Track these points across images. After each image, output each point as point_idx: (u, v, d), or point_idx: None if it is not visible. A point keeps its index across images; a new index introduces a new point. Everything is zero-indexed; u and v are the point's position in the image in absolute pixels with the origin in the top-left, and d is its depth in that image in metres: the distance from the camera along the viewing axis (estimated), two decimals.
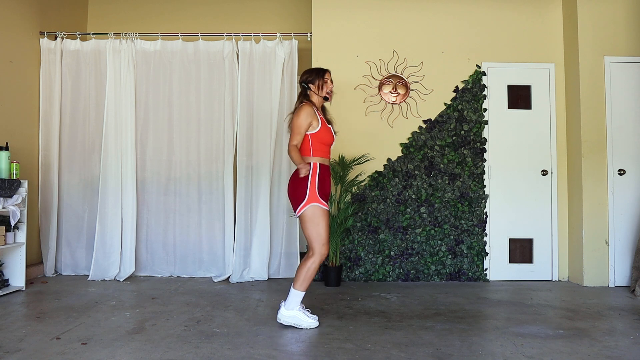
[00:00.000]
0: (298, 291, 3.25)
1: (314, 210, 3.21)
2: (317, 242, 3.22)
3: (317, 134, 3.28)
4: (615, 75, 4.91)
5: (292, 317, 3.26)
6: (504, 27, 5.17)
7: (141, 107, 5.12)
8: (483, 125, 5.08)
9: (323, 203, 3.24)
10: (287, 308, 3.27)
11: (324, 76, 3.41)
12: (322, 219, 3.23)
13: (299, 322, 3.25)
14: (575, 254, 4.93)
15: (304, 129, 3.25)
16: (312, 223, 3.22)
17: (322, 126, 3.30)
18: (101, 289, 4.43)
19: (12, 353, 2.72)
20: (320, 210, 3.22)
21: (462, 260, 4.98)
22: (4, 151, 4.24)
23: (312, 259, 3.23)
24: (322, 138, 3.31)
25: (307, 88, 3.40)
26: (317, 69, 3.45)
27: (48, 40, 5.14)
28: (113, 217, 4.96)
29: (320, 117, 3.33)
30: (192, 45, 5.13)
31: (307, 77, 3.41)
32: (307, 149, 3.29)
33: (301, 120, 3.24)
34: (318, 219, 3.22)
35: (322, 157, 3.32)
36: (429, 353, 2.81)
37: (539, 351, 2.86)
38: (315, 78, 3.39)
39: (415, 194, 5.01)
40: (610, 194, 4.83)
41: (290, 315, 3.26)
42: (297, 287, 3.24)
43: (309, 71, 3.46)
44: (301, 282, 3.23)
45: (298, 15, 5.90)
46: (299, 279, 3.24)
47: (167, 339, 3.00)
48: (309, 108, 3.28)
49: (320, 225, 3.22)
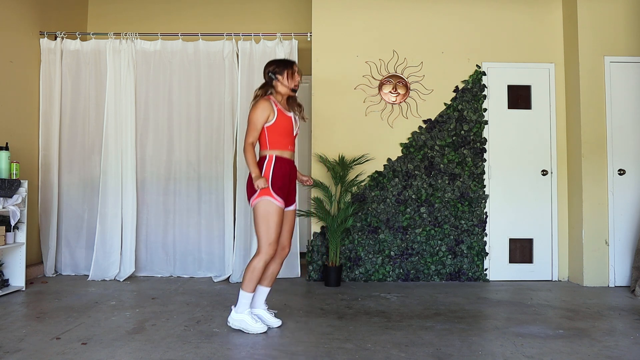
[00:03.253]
0: (245, 292, 3.13)
1: (265, 204, 3.08)
2: (264, 240, 3.10)
3: (273, 126, 3.16)
4: (615, 75, 4.90)
5: (240, 321, 3.15)
6: (504, 27, 5.17)
7: (141, 107, 5.12)
8: (483, 125, 5.08)
9: (276, 198, 3.10)
10: (236, 311, 3.17)
11: (292, 67, 3.28)
12: (273, 216, 3.08)
13: (246, 326, 3.13)
14: (575, 254, 4.93)
15: (260, 124, 3.15)
16: (263, 218, 3.09)
17: (278, 117, 3.17)
18: (101, 289, 4.43)
19: (12, 353, 2.72)
20: (272, 206, 3.09)
21: (462, 260, 4.98)
22: (4, 151, 4.24)
23: (258, 258, 3.10)
24: (280, 129, 3.18)
25: (274, 79, 3.27)
26: (285, 60, 3.35)
27: (48, 40, 5.14)
28: (113, 217, 4.96)
29: (278, 109, 3.19)
30: (192, 45, 5.13)
31: (275, 67, 3.27)
32: (264, 141, 3.19)
33: (257, 115, 3.13)
34: (269, 215, 3.08)
35: (280, 150, 3.19)
36: (429, 353, 2.81)
37: (539, 351, 2.86)
38: (283, 69, 3.26)
39: (415, 194, 5.02)
40: (610, 194, 4.83)
41: (239, 319, 3.15)
42: (243, 288, 3.13)
43: (276, 62, 3.33)
44: (247, 283, 3.11)
45: (298, 15, 5.90)
46: (244, 279, 3.13)
47: (167, 339, 3.00)
48: (265, 102, 3.17)
49: (270, 223, 3.08)
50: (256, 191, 3.10)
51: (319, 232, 5.00)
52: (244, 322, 3.14)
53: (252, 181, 3.14)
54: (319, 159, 4.98)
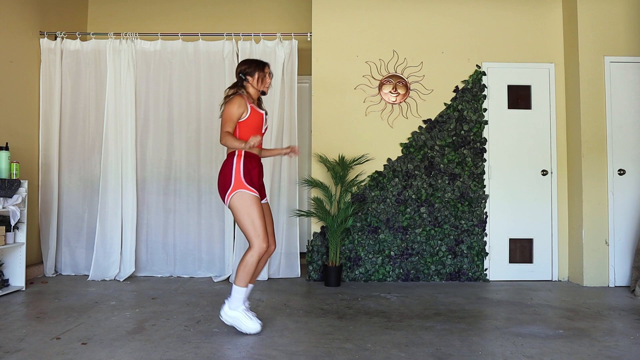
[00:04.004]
0: (239, 287, 3.09)
1: (241, 196, 3.06)
2: (253, 235, 3.06)
3: (246, 122, 3.18)
4: (615, 75, 4.90)
5: (234, 318, 3.12)
6: (504, 27, 5.17)
7: (141, 107, 5.12)
8: (483, 125, 5.08)
9: (250, 189, 3.08)
10: (230, 307, 3.13)
11: (264, 69, 3.29)
12: (253, 206, 3.06)
13: (240, 324, 3.10)
14: (575, 254, 4.93)
15: (236, 118, 3.16)
16: (243, 212, 3.06)
17: (251, 114, 3.19)
18: (101, 289, 4.43)
19: (12, 353, 2.72)
20: (248, 196, 3.06)
21: (462, 260, 4.98)
22: (4, 151, 4.24)
23: (250, 252, 3.07)
24: (252, 125, 3.20)
25: (244, 79, 3.28)
26: (257, 61, 3.33)
27: (48, 40, 5.14)
28: (113, 217, 4.96)
29: (251, 106, 3.21)
30: (192, 45, 5.13)
31: (246, 68, 3.28)
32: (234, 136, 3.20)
33: (233, 109, 3.15)
34: (248, 207, 3.05)
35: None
36: (429, 353, 2.81)
37: (539, 351, 2.86)
38: (255, 70, 3.27)
39: (415, 194, 5.02)
40: (610, 194, 4.83)
41: (233, 316, 3.12)
42: (237, 283, 3.09)
43: (248, 62, 3.33)
44: (240, 278, 3.08)
45: (298, 15, 5.90)
46: (237, 274, 3.09)
47: (167, 339, 3.00)
48: (239, 98, 3.19)
49: (252, 214, 3.05)
50: (229, 185, 3.08)
51: (319, 232, 5.00)
52: (238, 320, 3.11)
53: (223, 177, 3.13)
54: (319, 159, 4.98)
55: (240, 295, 3.12)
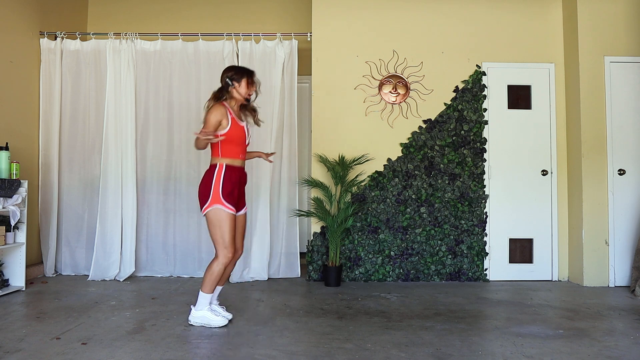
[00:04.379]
0: (204, 293, 3.26)
1: (216, 212, 3.18)
2: (220, 245, 3.21)
3: (226, 134, 3.20)
4: (615, 75, 4.90)
5: (202, 318, 3.26)
6: (504, 27, 5.17)
7: (141, 107, 5.12)
8: (483, 125, 5.08)
9: (227, 206, 3.18)
10: (196, 309, 3.28)
11: (251, 77, 3.34)
12: (226, 222, 3.18)
13: (208, 321, 3.25)
14: (575, 254, 4.93)
15: (214, 128, 3.18)
16: (215, 226, 3.20)
17: (231, 127, 3.22)
18: (101, 289, 4.43)
19: (12, 353, 2.72)
20: (223, 213, 3.18)
21: (462, 260, 4.98)
22: (4, 151, 4.24)
23: (216, 262, 3.22)
24: (232, 139, 3.23)
25: (230, 85, 3.30)
26: (244, 68, 3.37)
27: (48, 40, 5.14)
28: (113, 217, 4.96)
29: (232, 117, 3.23)
30: (192, 45, 5.12)
31: (233, 74, 3.31)
32: (216, 149, 3.25)
33: (210, 118, 3.18)
34: (221, 222, 3.18)
35: (231, 158, 3.25)
36: (429, 353, 2.81)
37: (539, 351, 2.86)
38: (241, 78, 3.31)
39: (415, 194, 5.02)
40: (610, 194, 4.83)
41: (200, 316, 3.26)
42: (203, 290, 3.26)
43: (235, 68, 3.37)
44: (206, 285, 3.24)
45: (298, 15, 5.90)
46: (204, 281, 3.25)
47: (167, 339, 3.00)
48: (221, 108, 3.22)
49: (224, 228, 3.19)
50: (207, 199, 3.20)
51: (319, 232, 5.00)
52: (205, 318, 3.26)
53: (204, 188, 3.23)
54: (319, 159, 4.98)
55: (206, 300, 3.28)
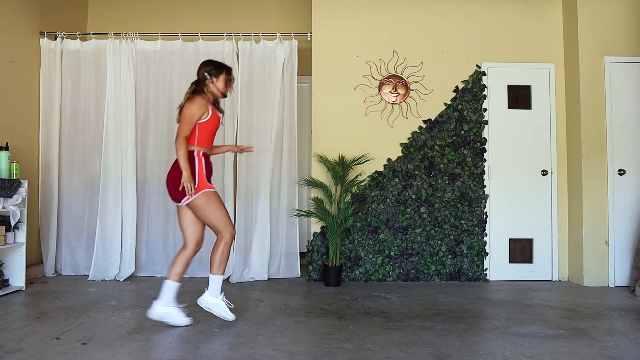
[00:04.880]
0: (217, 276, 3.29)
1: (207, 196, 3.21)
2: (221, 226, 3.24)
3: (206, 123, 3.26)
4: (615, 75, 4.90)
5: (215, 305, 3.31)
6: (504, 27, 5.17)
7: (141, 107, 5.12)
8: (483, 125, 5.08)
9: (211, 186, 3.26)
10: (212, 295, 3.32)
11: (229, 74, 3.36)
12: (218, 202, 3.25)
13: (220, 311, 3.30)
14: (575, 254, 4.93)
15: (196, 120, 3.22)
16: (210, 209, 3.22)
17: (212, 116, 3.28)
18: (101, 289, 4.43)
19: (12, 353, 2.72)
20: (211, 194, 3.24)
21: (462, 260, 4.98)
22: (4, 151, 4.24)
23: (223, 242, 3.26)
24: (210, 128, 3.30)
25: (208, 79, 3.32)
26: (221, 64, 3.39)
27: (48, 40, 5.14)
28: (113, 217, 4.96)
29: (212, 108, 3.30)
30: (192, 45, 5.12)
31: (212, 69, 3.33)
32: (193, 138, 3.26)
33: (194, 110, 3.20)
34: (214, 203, 3.23)
35: (205, 147, 3.30)
36: (429, 353, 2.81)
37: (539, 351, 2.86)
38: (219, 73, 3.33)
39: (415, 194, 5.01)
40: (610, 194, 4.83)
41: (214, 303, 3.31)
42: (215, 272, 3.28)
43: (213, 63, 3.37)
44: (218, 266, 3.28)
45: (298, 15, 5.90)
46: (216, 265, 3.27)
47: (167, 339, 3.00)
48: (203, 100, 3.25)
49: (219, 208, 3.24)
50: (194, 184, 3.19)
51: (319, 232, 5.00)
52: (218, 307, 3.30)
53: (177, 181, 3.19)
54: (319, 159, 4.98)
55: (219, 282, 3.31)
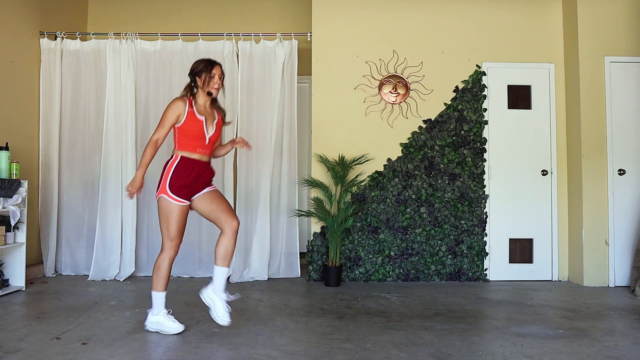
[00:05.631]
0: (156, 292, 3.13)
1: (163, 202, 3.06)
2: (165, 237, 3.10)
3: (181, 127, 3.11)
4: (615, 75, 4.90)
5: (157, 323, 3.11)
6: (504, 27, 5.17)
7: (141, 107, 5.12)
8: (483, 125, 5.08)
9: (173, 197, 3.04)
10: (152, 314, 3.14)
11: (211, 70, 3.16)
12: (172, 214, 3.05)
13: (163, 328, 3.10)
14: (575, 254, 4.93)
15: (169, 123, 3.10)
16: (161, 216, 3.09)
17: (187, 120, 3.09)
18: (101, 289, 4.43)
19: (12, 353, 2.72)
20: (169, 204, 3.05)
21: (462, 260, 4.98)
22: (4, 151, 4.24)
23: (162, 255, 3.11)
24: (187, 132, 3.10)
25: (192, 79, 3.20)
26: (208, 61, 3.21)
27: (48, 40, 5.13)
28: (113, 217, 4.96)
29: (190, 111, 3.11)
30: (192, 45, 5.12)
31: (195, 67, 3.18)
32: (175, 140, 3.18)
33: (167, 114, 3.10)
34: (168, 213, 3.05)
35: (188, 151, 3.12)
36: (429, 353, 2.81)
37: (539, 351, 2.86)
38: (202, 71, 3.16)
39: (415, 194, 5.01)
40: (610, 194, 4.83)
41: (155, 321, 3.12)
42: (153, 289, 3.13)
43: (199, 61, 3.22)
44: (155, 282, 3.12)
45: (298, 15, 5.90)
46: (153, 280, 3.13)
47: (167, 339, 3.00)
48: (178, 102, 3.12)
49: (170, 220, 3.06)
50: (157, 187, 3.10)
51: (319, 232, 5.00)
52: (160, 324, 3.11)
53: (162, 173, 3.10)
54: (319, 159, 4.98)
55: (161, 300, 3.13)
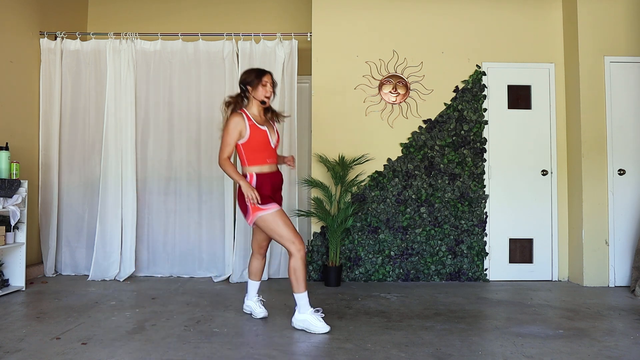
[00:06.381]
0: (299, 294, 3.22)
1: (263, 220, 3.16)
2: (287, 242, 3.16)
3: (247, 143, 3.17)
4: (615, 75, 4.90)
5: (304, 321, 3.20)
6: (504, 27, 5.17)
7: (141, 107, 5.12)
8: (483, 125, 5.08)
9: (267, 208, 3.15)
10: (300, 312, 3.23)
11: (262, 79, 3.24)
12: (277, 221, 3.15)
13: (309, 326, 3.18)
14: (575, 254, 4.93)
15: (234, 140, 3.16)
16: (270, 230, 3.18)
17: (251, 134, 3.17)
18: (101, 289, 4.43)
19: (12, 353, 2.72)
20: (268, 216, 3.15)
21: (462, 260, 4.98)
22: (4, 151, 4.24)
23: (293, 259, 3.18)
24: (255, 146, 3.19)
25: (245, 89, 3.26)
26: (257, 70, 3.29)
27: (48, 40, 5.14)
28: (113, 217, 4.96)
29: (250, 124, 3.19)
30: (192, 45, 5.12)
31: (246, 77, 3.26)
32: (242, 158, 3.22)
33: (229, 132, 3.15)
34: (273, 224, 3.15)
35: (259, 165, 3.22)
36: (429, 353, 2.81)
37: (539, 351, 2.86)
38: (253, 80, 3.24)
39: (415, 194, 5.02)
40: (610, 194, 4.83)
41: (302, 319, 3.21)
42: (296, 291, 3.21)
43: (249, 71, 3.30)
44: (297, 285, 3.20)
45: (298, 15, 5.90)
46: (293, 283, 3.21)
47: (167, 339, 3.00)
48: (237, 118, 3.17)
49: (279, 227, 3.16)
50: (247, 212, 3.18)
51: (319, 232, 5.00)
52: (307, 322, 3.19)
53: (241, 202, 3.21)
54: (319, 159, 4.98)
55: (305, 300, 3.22)
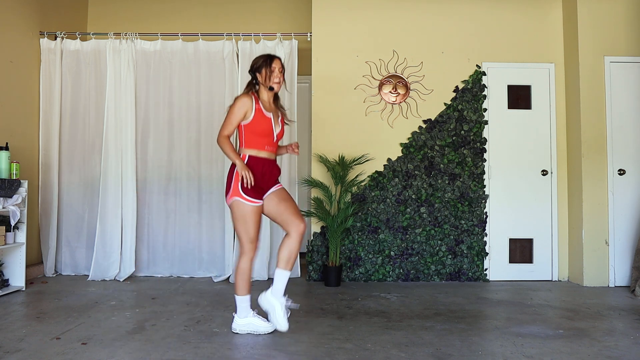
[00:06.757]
0: (240, 297, 3.11)
1: (237, 205, 3.04)
2: (244, 239, 3.07)
3: (249, 125, 3.09)
4: (615, 75, 4.90)
5: (248, 325, 3.12)
6: (504, 27, 5.17)
7: (141, 107, 5.12)
8: (483, 125, 5.08)
9: (246, 198, 3.02)
10: (239, 316, 3.14)
11: (271, 64, 3.14)
12: (249, 216, 3.03)
13: (256, 328, 3.12)
14: (575, 254, 4.93)
15: (237, 120, 3.08)
16: (237, 219, 3.06)
17: (255, 117, 3.08)
18: (101, 289, 4.43)
19: (12, 353, 2.72)
20: (244, 206, 3.03)
21: (462, 260, 4.98)
22: (4, 151, 4.24)
23: (243, 259, 3.09)
24: (255, 129, 3.09)
25: (253, 76, 3.20)
26: (266, 55, 3.20)
27: (48, 40, 5.14)
28: (113, 217, 4.96)
29: (257, 107, 3.10)
30: (192, 45, 5.13)
31: (255, 63, 3.18)
32: (241, 140, 3.16)
33: (234, 111, 3.08)
34: (244, 216, 3.03)
35: (256, 149, 3.11)
36: (429, 353, 2.81)
37: (539, 351, 2.86)
38: (262, 66, 3.15)
39: (415, 194, 5.02)
40: (610, 194, 4.83)
41: (246, 323, 3.12)
42: (239, 293, 3.11)
43: (258, 57, 3.21)
44: (239, 287, 3.10)
45: (298, 15, 5.90)
46: (236, 284, 3.11)
47: (167, 339, 3.00)
48: (246, 98, 3.11)
49: (247, 222, 3.04)
50: (228, 191, 3.07)
51: (319, 232, 5.00)
52: (252, 325, 3.12)
53: (228, 179, 3.11)
54: (319, 159, 4.98)
55: (246, 303, 3.12)
